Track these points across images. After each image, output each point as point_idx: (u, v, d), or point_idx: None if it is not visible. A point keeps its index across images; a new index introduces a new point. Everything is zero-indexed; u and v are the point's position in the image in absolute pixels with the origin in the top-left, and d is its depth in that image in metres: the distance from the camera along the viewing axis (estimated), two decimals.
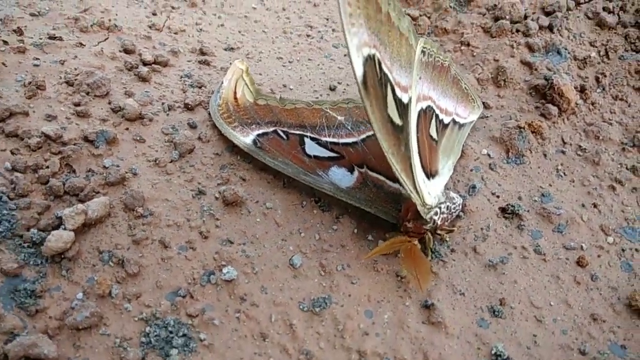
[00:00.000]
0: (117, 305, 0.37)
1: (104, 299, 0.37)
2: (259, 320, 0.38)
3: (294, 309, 0.39)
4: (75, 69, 0.50)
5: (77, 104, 0.47)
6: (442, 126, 0.48)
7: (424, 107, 0.44)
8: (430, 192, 0.42)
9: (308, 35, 0.67)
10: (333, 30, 0.69)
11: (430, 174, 0.43)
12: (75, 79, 0.48)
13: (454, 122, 0.50)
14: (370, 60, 0.33)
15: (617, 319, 0.41)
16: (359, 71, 0.32)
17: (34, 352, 0.32)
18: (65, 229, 0.38)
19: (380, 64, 0.34)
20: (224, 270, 0.39)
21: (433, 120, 0.46)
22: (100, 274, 0.37)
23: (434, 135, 0.46)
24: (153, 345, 0.36)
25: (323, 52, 0.65)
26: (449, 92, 0.51)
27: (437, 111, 0.47)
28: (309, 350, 0.37)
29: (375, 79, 0.34)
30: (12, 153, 0.41)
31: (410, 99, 0.40)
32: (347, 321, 0.38)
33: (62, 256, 0.37)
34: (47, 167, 0.41)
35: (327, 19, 0.70)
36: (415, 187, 0.39)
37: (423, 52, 0.44)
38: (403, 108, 0.38)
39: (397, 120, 0.37)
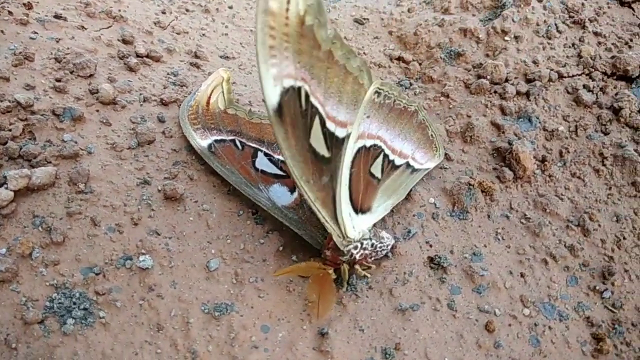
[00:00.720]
0: (34, 267, 0.39)
1: (24, 259, 0.40)
2: (159, 312, 0.40)
3: (196, 308, 0.41)
4: (68, 48, 0.54)
5: (59, 80, 0.50)
6: (392, 167, 0.49)
7: (367, 145, 0.45)
8: (355, 226, 0.43)
9: None
10: None
11: (359, 209, 0.44)
12: (65, 57, 0.52)
13: (408, 165, 0.51)
14: (292, 92, 0.35)
15: None
16: (274, 100, 0.34)
17: None
18: (7, 188, 0.41)
19: (307, 96, 0.36)
20: (142, 257, 0.41)
21: (379, 159, 0.47)
22: (27, 235, 0.40)
23: (377, 173, 0.47)
24: (55, 311, 0.38)
25: None
26: (409, 136, 0.52)
27: (388, 151, 0.48)
28: (197, 350, 0.39)
29: (297, 110, 0.35)
30: None
31: (348, 135, 0.41)
32: (241, 331, 0.40)
33: None
34: (10, 130, 0.44)
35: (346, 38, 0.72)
36: (334, 218, 0.40)
37: (378, 93, 0.46)
38: (336, 141, 0.40)
39: (324, 152, 0.39)
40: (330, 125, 0.39)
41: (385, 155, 0.48)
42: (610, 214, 0.51)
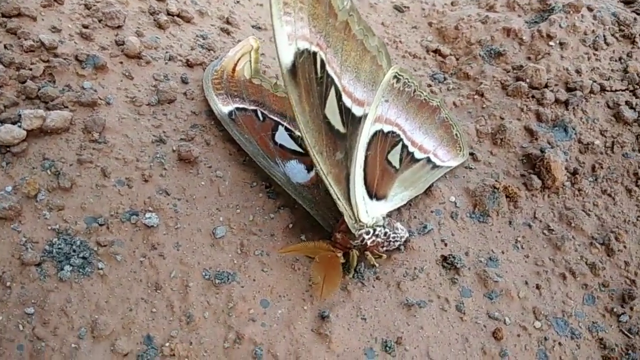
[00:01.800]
0: (38, 209, 0.38)
1: (29, 199, 0.39)
2: (159, 271, 0.38)
3: (197, 273, 0.39)
4: None
5: (86, 26, 0.49)
6: (411, 159, 0.48)
7: (384, 131, 0.44)
8: (368, 211, 0.41)
9: None
10: None
11: (374, 195, 0.42)
12: (95, 5, 0.51)
13: (429, 160, 0.49)
14: (307, 56, 0.34)
15: None
16: (287, 59, 0.33)
17: None
18: (20, 126, 0.40)
19: (324, 64, 0.35)
20: (148, 215, 0.40)
21: (397, 148, 0.46)
22: (34, 177, 0.39)
23: (394, 162, 0.45)
24: (53, 255, 0.37)
25: None
26: (431, 132, 0.50)
27: (407, 142, 0.47)
28: (193, 315, 0.37)
29: (312, 75, 0.35)
30: (5, 47, 0.44)
31: (365, 115, 0.40)
32: (240, 302, 0.38)
33: (7, 149, 0.39)
34: (30, 69, 0.43)
35: (383, 24, 0.70)
36: (346, 198, 0.39)
37: (397, 78, 0.45)
38: (352, 119, 0.39)
39: (339, 127, 0.38)
40: (346, 100, 0.38)
41: (405, 146, 0.47)
42: (638, 236, 0.48)
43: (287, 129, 0.48)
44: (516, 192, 0.51)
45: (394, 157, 0.45)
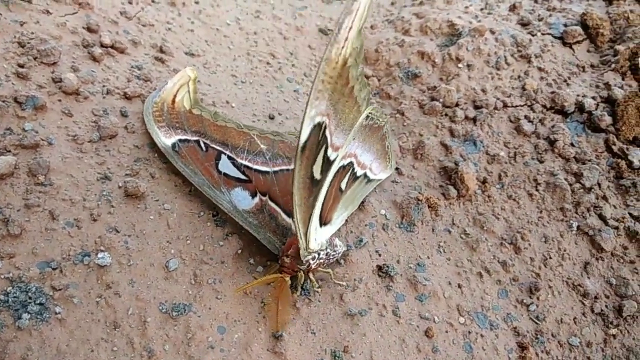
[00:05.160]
0: None
1: None
2: (116, 310, 0.40)
3: (154, 308, 0.41)
4: (32, 33, 0.52)
5: (21, 66, 0.49)
6: (353, 178, 0.51)
7: (345, 164, 0.47)
8: (317, 238, 0.45)
9: (268, 63, 0.72)
10: (293, 65, 0.73)
11: (324, 222, 0.46)
12: (29, 42, 0.51)
13: (365, 175, 0.54)
14: (317, 127, 0.37)
15: None
16: (304, 137, 0.36)
17: None
18: None
19: (325, 129, 0.38)
20: (100, 255, 0.42)
21: (349, 173, 0.49)
22: None
23: (343, 187, 0.49)
24: (9, 305, 0.38)
25: (276, 82, 0.70)
26: (372, 148, 0.54)
27: (355, 165, 0.50)
28: (153, 349, 0.39)
29: (314, 142, 0.37)
30: None
31: (337, 157, 0.43)
32: (198, 331, 0.41)
33: None
34: None
35: (291, 54, 0.74)
36: (305, 234, 0.42)
37: (367, 116, 0.48)
38: (328, 165, 0.41)
39: (318, 176, 0.40)
40: (329, 152, 0.41)
41: (353, 169, 0.50)
42: (540, 234, 0.56)
43: (229, 157, 0.51)
44: (436, 202, 0.57)
45: (344, 182, 0.48)
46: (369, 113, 0.47)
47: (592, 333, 0.51)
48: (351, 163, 0.49)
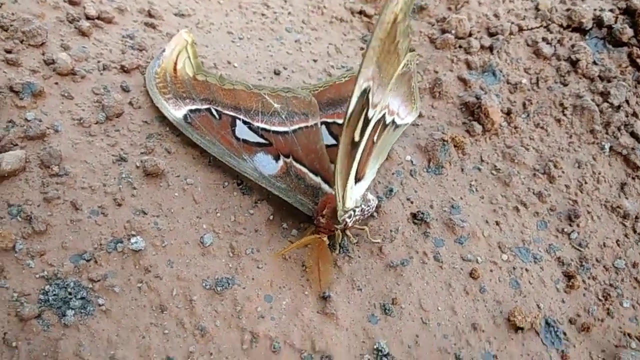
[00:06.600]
0: (20, 260, 0.37)
1: (7, 252, 0.37)
2: (160, 293, 0.39)
3: (197, 285, 0.40)
4: (13, 14, 0.48)
5: (9, 51, 0.45)
6: (383, 126, 0.48)
7: (379, 117, 0.44)
8: (352, 196, 0.43)
9: (263, 14, 0.67)
10: (289, 13, 0.69)
11: (358, 179, 0.44)
12: (11, 25, 0.47)
13: (393, 122, 0.50)
14: (362, 93, 0.34)
15: (496, 331, 0.45)
16: (352, 108, 0.33)
17: None
18: None
19: (368, 92, 0.35)
20: (133, 240, 0.40)
21: (380, 125, 0.47)
22: (6, 227, 0.37)
23: (374, 139, 0.46)
24: (51, 303, 0.36)
25: (275, 34, 0.66)
26: (400, 92, 0.51)
27: (387, 114, 0.47)
28: (205, 326, 0.38)
29: (359, 109, 0.34)
30: None
31: (374, 114, 0.40)
32: (246, 303, 0.40)
33: None
34: None
35: (285, 1, 0.70)
36: (342, 192, 0.40)
37: (405, 65, 0.45)
38: (366, 124, 0.39)
39: (357, 138, 0.38)
40: (370, 112, 0.38)
41: (384, 118, 0.46)
42: (572, 160, 0.55)
43: (245, 122, 0.48)
44: (462, 140, 0.55)
45: (377, 134, 0.45)
46: (406, 61, 0.44)
47: (636, 253, 0.50)
48: (383, 114, 0.46)
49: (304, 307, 0.41)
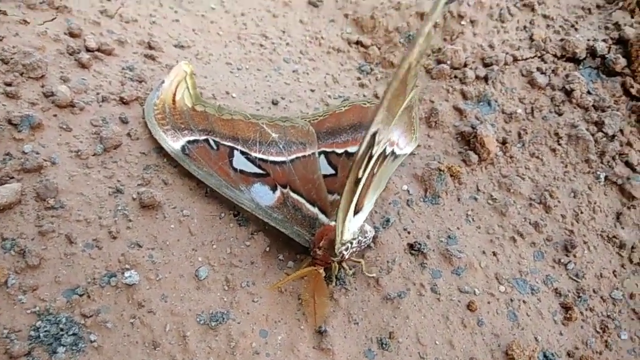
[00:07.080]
0: (12, 295, 0.37)
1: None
2: (153, 328, 0.39)
3: (191, 320, 0.40)
4: (14, 47, 0.49)
5: (9, 84, 0.46)
6: (382, 157, 0.47)
7: (381, 151, 0.43)
8: (350, 228, 0.43)
9: (261, 45, 0.68)
10: (287, 43, 0.70)
11: (356, 211, 0.43)
12: (12, 58, 0.47)
13: (392, 152, 0.50)
14: (372, 136, 0.34)
15: None
16: (362, 151, 0.33)
17: None
18: None
19: (375, 135, 0.35)
20: (126, 273, 0.40)
21: (380, 157, 0.46)
22: None
23: (375, 169, 0.45)
24: (41, 340, 0.36)
25: (273, 64, 0.66)
26: (401, 122, 0.51)
27: (389, 146, 0.46)
28: None
29: (367, 150, 0.35)
30: None
31: (377, 150, 0.39)
32: (240, 339, 0.40)
33: None
34: None
35: (284, 32, 0.71)
36: (342, 227, 0.40)
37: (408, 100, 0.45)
38: (369, 160, 0.38)
39: (360, 175, 0.37)
40: (373, 149, 0.37)
41: (384, 150, 0.45)
42: (568, 190, 0.55)
43: (242, 152, 0.49)
44: (458, 170, 0.55)
45: (377, 166, 0.45)
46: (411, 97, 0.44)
47: (633, 284, 0.50)
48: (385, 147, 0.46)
49: (299, 342, 0.41)
